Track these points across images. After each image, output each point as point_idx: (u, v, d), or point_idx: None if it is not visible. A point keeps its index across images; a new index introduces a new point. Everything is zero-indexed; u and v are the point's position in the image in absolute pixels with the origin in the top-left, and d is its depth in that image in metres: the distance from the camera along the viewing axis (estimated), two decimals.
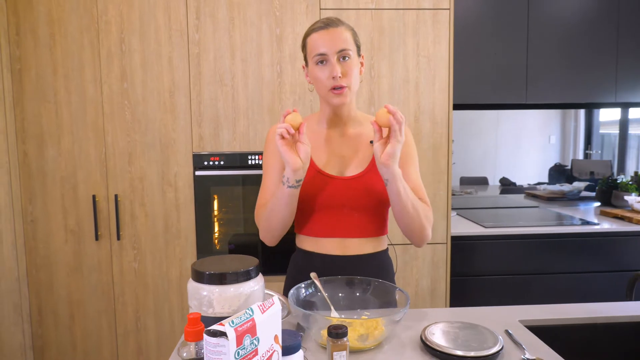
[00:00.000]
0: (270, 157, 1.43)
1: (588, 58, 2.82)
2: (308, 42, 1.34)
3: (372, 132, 1.42)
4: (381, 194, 1.38)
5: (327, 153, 1.40)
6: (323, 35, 1.30)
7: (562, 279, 2.57)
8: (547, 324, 1.31)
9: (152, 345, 2.41)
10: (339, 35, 1.30)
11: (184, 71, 2.29)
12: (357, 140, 1.42)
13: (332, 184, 1.37)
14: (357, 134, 1.42)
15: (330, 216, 1.38)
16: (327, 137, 1.42)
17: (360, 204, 1.38)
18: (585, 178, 3.23)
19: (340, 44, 1.29)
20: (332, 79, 1.29)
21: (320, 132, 1.43)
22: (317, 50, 1.30)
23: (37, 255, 2.33)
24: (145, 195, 2.34)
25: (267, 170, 1.43)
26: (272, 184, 1.41)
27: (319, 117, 1.45)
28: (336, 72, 1.28)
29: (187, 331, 0.79)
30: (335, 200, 1.37)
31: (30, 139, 2.28)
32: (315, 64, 1.32)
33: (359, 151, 1.41)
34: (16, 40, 2.23)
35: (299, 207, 1.41)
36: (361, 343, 1.11)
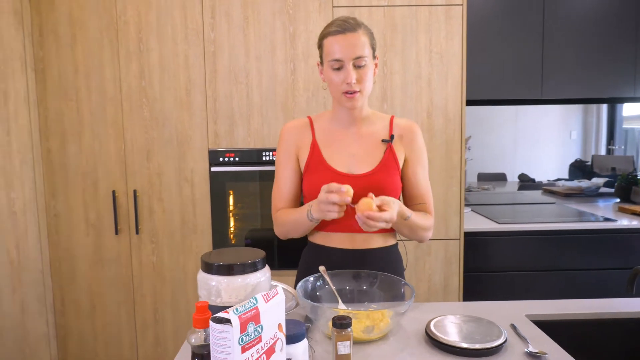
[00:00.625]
0: (283, 155, 1.47)
1: (606, 52, 2.79)
2: (324, 45, 1.34)
3: (384, 130, 1.45)
4: (391, 191, 1.40)
5: (338, 151, 1.43)
6: (340, 41, 1.30)
7: (577, 275, 2.55)
8: (554, 319, 1.31)
9: (169, 336, 2.48)
10: (355, 41, 1.29)
11: (199, 69, 2.34)
12: (369, 139, 1.44)
13: (342, 181, 1.39)
14: (369, 133, 1.45)
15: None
16: (338, 135, 1.45)
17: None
18: (607, 174, 3.19)
19: (356, 50, 1.29)
20: (346, 84, 1.31)
21: (332, 129, 1.46)
22: (333, 56, 1.31)
23: (59, 248, 2.42)
24: (162, 190, 2.40)
25: (279, 169, 1.48)
26: (284, 183, 1.46)
27: (331, 115, 1.47)
28: (351, 79, 1.30)
29: (195, 318, 0.83)
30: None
31: (53, 136, 2.36)
32: (331, 68, 1.33)
33: (370, 149, 1.43)
34: (39, 41, 2.31)
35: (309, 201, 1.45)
36: (367, 334, 1.14)
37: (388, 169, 1.41)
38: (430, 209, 1.46)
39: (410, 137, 1.45)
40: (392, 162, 1.42)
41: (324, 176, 1.40)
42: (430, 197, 1.47)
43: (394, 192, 1.41)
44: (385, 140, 1.43)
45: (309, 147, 1.44)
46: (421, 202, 1.46)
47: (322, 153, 1.42)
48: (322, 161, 1.41)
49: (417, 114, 2.40)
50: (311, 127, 1.47)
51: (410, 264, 2.46)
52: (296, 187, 1.47)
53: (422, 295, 2.48)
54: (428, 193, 1.47)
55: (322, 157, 1.42)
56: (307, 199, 1.46)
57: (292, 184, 1.47)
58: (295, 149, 1.46)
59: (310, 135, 1.45)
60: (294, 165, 1.46)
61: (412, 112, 2.39)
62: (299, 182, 1.48)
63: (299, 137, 1.46)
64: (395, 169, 1.42)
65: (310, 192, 1.42)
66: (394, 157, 1.42)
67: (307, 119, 1.49)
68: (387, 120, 1.47)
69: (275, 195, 1.48)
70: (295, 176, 1.47)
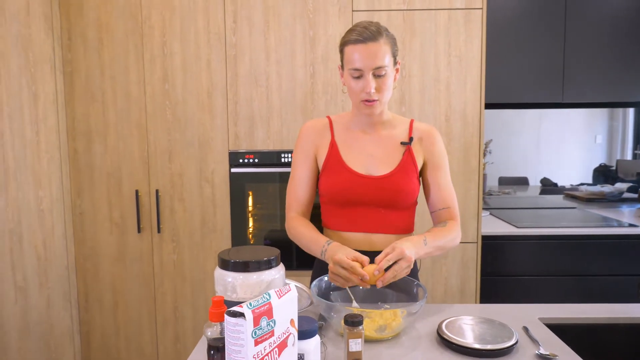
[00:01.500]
0: (300, 154, 1.49)
1: (630, 55, 2.74)
2: (345, 52, 1.34)
3: (404, 134, 1.46)
4: (409, 194, 1.41)
5: (357, 152, 1.44)
6: (360, 50, 1.29)
7: (596, 281, 2.52)
8: (567, 322, 1.31)
9: (188, 333, 2.53)
10: (376, 51, 1.29)
11: (221, 72, 2.39)
12: (388, 141, 1.45)
13: (361, 182, 1.41)
14: (389, 135, 1.45)
15: (357, 212, 1.42)
16: (357, 137, 1.46)
17: (387, 203, 1.41)
18: (631, 179, 3.13)
19: (377, 61, 1.29)
20: (365, 93, 1.32)
21: (351, 131, 1.47)
22: (352, 65, 1.31)
23: (84, 246, 2.50)
24: (184, 190, 2.46)
25: (295, 168, 1.50)
26: (300, 183, 1.48)
27: (351, 117, 1.48)
28: (370, 89, 1.31)
29: (211, 312, 0.87)
30: (362, 198, 1.41)
31: (79, 137, 2.44)
32: (351, 76, 1.34)
33: (389, 152, 1.44)
34: (68, 44, 2.39)
35: (327, 202, 1.48)
36: (379, 333, 1.16)
37: (406, 171, 1.41)
38: (454, 213, 1.45)
39: (430, 141, 1.45)
40: (410, 164, 1.42)
41: (342, 176, 1.41)
42: (454, 201, 1.46)
43: (411, 195, 1.42)
44: (404, 143, 1.44)
45: (327, 147, 1.46)
46: (444, 206, 1.45)
47: (341, 153, 1.44)
48: (340, 161, 1.43)
49: (435, 118, 2.40)
50: (330, 127, 1.48)
51: (426, 266, 2.47)
52: (311, 188, 1.49)
53: (438, 298, 2.48)
54: (451, 197, 1.45)
55: (341, 157, 1.43)
56: (323, 197, 1.48)
57: (308, 184, 1.48)
58: (313, 149, 1.47)
59: (330, 135, 1.47)
60: (311, 165, 1.48)
61: (431, 116, 2.40)
62: (315, 182, 1.49)
63: (318, 137, 1.47)
64: (413, 171, 1.43)
65: (327, 192, 1.44)
66: (412, 160, 1.43)
67: (326, 119, 1.51)
68: (406, 123, 1.48)
69: (290, 195, 1.50)
70: (311, 176, 1.48)
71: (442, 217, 1.45)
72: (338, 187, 1.41)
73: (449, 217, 1.44)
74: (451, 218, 1.44)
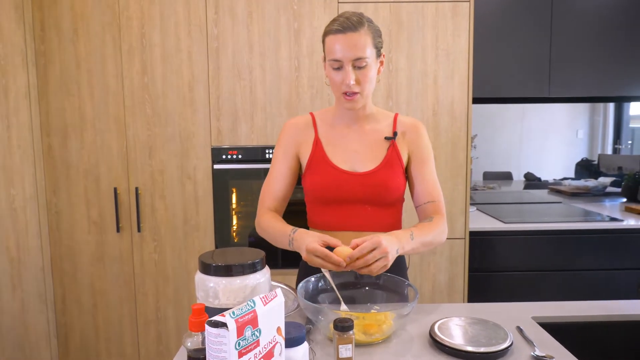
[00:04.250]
0: (281, 151, 1.45)
1: (613, 51, 2.74)
2: (326, 42, 1.30)
3: (388, 128, 1.42)
4: (394, 189, 1.38)
5: (341, 148, 1.41)
6: (340, 41, 1.25)
7: (583, 276, 2.51)
8: (560, 321, 1.29)
9: (171, 334, 2.46)
10: (356, 41, 1.24)
11: (203, 65, 2.32)
12: (373, 137, 1.41)
13: (346, 179, 1.37)
14: (373, 130, 1.42)
15: (343, 210, 1.39)
16: (342, 133, 1.42)
17: (374, 199, 1.38)
18: (613, 173, 3.15)
19: (356, 52, 1.25)
20: (344, 85, 1.28)
21: (335, 127, 1.43)
22: (332, 55, 1.27)
23: (61, 246, 2.41)
24: (165, 188, 2.38)
25: (275, 164, 1.46)
26: (276, 180, 1.44)
27: (334, 112, 1.45)
28: (349, 80, 1.27)
29: (191, 321, 0.81)
30: (348, 195, 1.37)
31: (54, 132, 2.35)
32: (331, 67, 1.30)
33: (374, 147, 1.40)
34: (41, 35, 2.29)
35: (312, 201, 1.44)
36: (369, 337, 1.11)
37: (391, 166, 1.38)
38: (440, 207, 1.41)
39: (414, 134, 1.42)
40: (395, 159, 1.39)
41: (327, 174, 1.38)
42: (439, 194, 1.42)
43: (397, 190, 1.39)
44: (388, 138, 1.40)
45: (311, 144, 1.42)
46: (430, 200, 1.41)
47: (325, 150, 1.40)
48: (325, 158, 1.39)
49: (422, 112, 2.36)
50: (314, 123, 1.44)
51: (414, 263, 2.43)
52: (288, 185, 1.45)
53: (426, 294, 2.45)
54: (437, 191, 1.41)
55: (325, 154, 1.40)
56: (308, 196, 1.44)
57: (285, 182, 1.44)
58: (295, 146, 1.44)
59: (313, 132, 1.43)
60: (290, 163, 1.44)
61: (418, 110, 2.36)
62: (292, 181, 1.46)
63: (300, 134, 1.44)
64: (398, 166, 1.39)
65: (312, 190, 1.40)
66: (397, 155, 1.40)
67: (309, 115, 1.47)
68: (390, 118, 1.45)
69: (264, 190, 1.45)
70: (289, 173, 1.44)
71: (427, 212, 1.41)
72: (323, 185, 1.38)
73: (435, 211, 1.40)
74: (437, 212, 1.40)
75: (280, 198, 1.45)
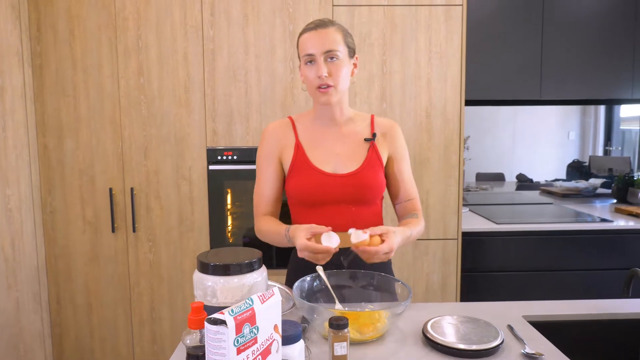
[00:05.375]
0: (264, 157, 1.47)
1: (604, 54, 2.79)
2: (299, 43, 1.37)
3: (366, 129, 1.46)
4: (376, 189, 1.42)
5: (322, 151, 1.43)
6: (312, 36, 1.33)
7: (574, 276, 2.55)
8: (551, 320, 1.31)
9: (166, 334, 2.47)
10: (327, 36, 1.32)
11: (198, 67, 2.33)
12: (352, 138, 1.45)
13: (328, 181, 1.39)
14: (352, 132, 1.45)
15: (326, 211, 1.40)
16: (322, 135, 1.45)
17: (356, 199, 1.41)
18: (604, 175, 3.19)
19: (327, 44, 1.32)
20: (318, 78, 1.33)
21: (314, 130, 1.46)
22: (305, 51, 1.34)
23: (56, 246, 2.41)
24: (160, 188, 2.39)
25: (260, 171, 1.48)
26: (266, 186, 1.46)
27: (313, 115, 1.47)
28: (322, 72, 1.31)
29: (190, 319, 0.83)
30: (331, 196, 1.39)
31: (49, 132, 2.35)
32: (305, 64, 1.36)
33: (354, 148, 1.44)
34: (37, 36, 2.30)
35: (296, 204, 1.45)
36: (363, 335, 1.13)
37: (373, 166, 1.42)
38: (417, 204, 1.50)
39: (392, 135, 1.47)
40: (375, 160, 1.43)
41: (310, 177, 1.40)
42: (416, 192, 1.51)
43: (378, 190, 1.43)
44: (367, 139, 1.44)
45: (292, 147, 1.44)
46: (409, 198, 1.49)
47: (307, 153, 1.42)
48: (307, 161, 1.41)
49: (415, 114, 2.39)
50: (293, 127, 1.47)
51: (408, 263, 2.46)
52: (278, 189, 1.47)
53: (419, 294, 2.48)
54: (414, 189, 1.50)
55: (307, 157, 1.42)
56: (291, 199, 1.46)
57: (274, 186, 1.46)
58: (277, 151, 1.45)
59: (293, 135, 1.45)
60: (275, 168, 1.46)
61: (411, 112, 2.39)
62: (281, 184, 1.48)
63: (281, 139, 1.46)
64: (379, 166, 1.43)
65: (296, 193, 1.42)
66: (377, 155, 1.44)
67: (288, 119, 1.49)
68: (367, 119, 1.49)
69: (257, 198, 1.48)
70: (276, 178, 1.46)
71: (407, 209, 1.49)
72: (306, 188, 1.40)
73: (414, 208, 1.49)
74: (416, 209, 1.49)
75: (273, 202, 1.48)
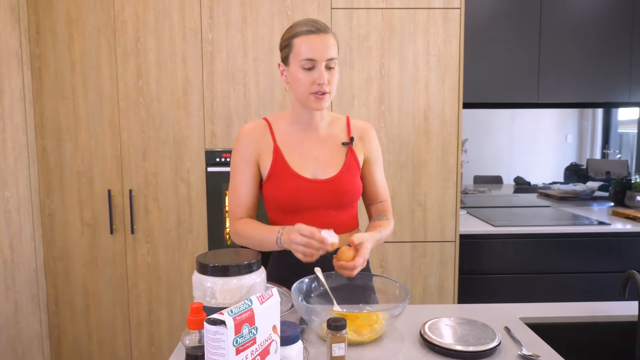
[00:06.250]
0: (241, 160, 1.42)
1: (601, 57, 2.80)
2: (295, 44, 1.30)
3: (343, 132, 1.46)
4: (355, 193, 1.44)
5: (301, 156, 1.41)
6: (314, 40, 1.28)
7: (571, 278, 2.56)
8: (547, 322, 1.32)
9: (164, 336, 2.47)
10: (328, 42, 1.30)
11: (197, 69, 2.34)
12: (330, 142, 1.44)
13: (308, 187, 1.38)
14: (330, 136, 1.44)
15: (305, 216, 1.37)
16: (300, 140, 1.42)
17: (335, 203, 1.41)
18: (601, 178, 3.20)
19: (330, 52, 1.30)
20: (316, 85, 1.30)
21: (293, 133, 1.43)
22: (305, 55, 1.28)
23: (54, 247, 2.41)
24: (158, 190, 2.39)
25: (236, 175, 1.43)
26: (242, 190, 1.42)
27: (291, 117, 1.44)
28: (324, 79, 1.29)
29: (189, 320, 0.83)
30: (311, 202, 1.38)
31: (48, 135, 2.35)
32: (301, 68, 1.30)
33: (333, 153, 1.43)
34: (36, 38, 2.30)
35: (274, 208, 1.43)
36: (361, 336, 1.14)
37: (351, 171, 1.42)
38: (389, 206, 1.52)
39: (368, 138, 1.48)
40: (354, 164, 1.43)
41: (289, 183, 1.38)
42: (388, 194, 1.53)
43: (356, 194, 1.43)
44: (345, 143, 1.44)
45: (270, 152, 1.40)
46: (381, 200, 1.51)
47: (286, 158, 1.40)
48: (287, 167, 1.39)
49: (413, 117, 2.40)
50: (270, 130, 1.43)
51: (405, 266, 2.46)
52: (254, 193, 1.44)
53: (417, 297, 2.48)
54: (386, 191, 1.53)
55: (287, 163, 1.39)
56: (269, 204, 1.44)
57: (250, 191, 1.42)
58: (254, 155, 1.41)
59: (271, 139, 1.42)
60: (252, 171, 1.42)
61: (409, 115, 2.40)
62: (257, 188, 1.44)
63: (258, 142, 1.42)
64: (357, 170, 1.44)
65: (274, 199, 1.40)
66: (355, 160, 1.44)
67: (263, 121, 1.45)
68: (343, 121, 1.48)
69: (233, 202, 1.43)
70: (253, 182, 1.42)
71: (379, 210, 1.51)
72: (286, 193, 1.38)
73: (385, 209, 1.51)
74: (387, 210, 1.51)
75: (251, 207, 1.44)
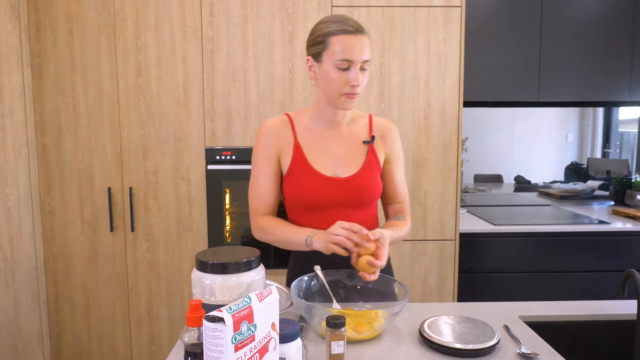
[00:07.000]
0: (262, 156, 1.41)
1: (602, 56, 2.80)
2: (331, 42, 1.27)
3: (364, 130, 1.45)
4: (375, 192, 1.42)
5: (322, 153, 1.40)
6: (354, 42, 1.26)
7: (571, 277, 2.56)
8: (547, 320, 1.32)
9: (164, 334, 2.47)
10: (365, 43, 1.28)
11: (197, 67, 2.34)
12: (351, 140, 1.43)
13: (328, 185, 1.37)
14: (351, 134, 1.43)
15: (325, 214, 1.38)
16: (321, 137, 1.42)
17: (355, 202, 1.40)
18: (602, 177, 3.20)
19: (367, 54, 1.28)
20: (350, 86, 1.29)
21: (314, 130, 1.42)
22: (342, 56, 1.26)
23: (54, 245, 2.41)
24: (158, 188, 2.39)
25: (257, 171, 1.42)
26: (264, 186, 1.41)
27: (313, 114, 1.43)
28: (358, 81, 1.28)
29: (188, 317, 0.83)
30: (331, 200, 1.38)
31: (48, 132, 2.35)
32: (336, 67, 1.28)
33: (353, 151, 1.42)
34: (36, 36, 2.30)
35: (293, 206, 1.43)
36: (361, 334, 1.14)
37: (371, 170, 1.41)
38: (407, 207, 1.51)
39: (390, 137, 1.46)
40: (374, 163, 1.42)
41: (310, 180, 1.37)
42: (407, 195, 1.51)
43: (376, 193, 1.42)
44: (366, 142, 1.43)
45: (291, 148, 1.40)
46: (400, 200, 1.49)
47: (306, 156, 1.39)
48: (307, 164, 1.38)
49: (414, 115, 2.40)
50: (291, 126, 1.42)
51: (405, 264, 2.46)
52: (276, 189, 1.43)
53: (417, 295, 2.48)
54: (405, 192, 1.51)
55: (307, 160, 1.39)
56: (288, 201, 1.44)
57: (271, 187, 1.42)
58: (275, 150, 1.41)
59: (292, 135, 1.41)
60: (274, 167, 1.41)
61: (410, 113, 2.40)
62: (279, 184, 1.44)
63: (279, 138, 1.41)
64: (377, 169, 1.43)
65: (294, 196, 1.40)
66: (375, 158, 1.42)
67: (285, 116, 1.44)
68: (365, 119, 1.47)
69: (255, 198, 1.43)
70: (274, 178, 1.42)
71: (397, 210, 1.50)
72: (306, 191, 1.37)
73: (403, 210, 1.49)
74: (405, 211, 1.50)
75: (273, 204, 1.44)
